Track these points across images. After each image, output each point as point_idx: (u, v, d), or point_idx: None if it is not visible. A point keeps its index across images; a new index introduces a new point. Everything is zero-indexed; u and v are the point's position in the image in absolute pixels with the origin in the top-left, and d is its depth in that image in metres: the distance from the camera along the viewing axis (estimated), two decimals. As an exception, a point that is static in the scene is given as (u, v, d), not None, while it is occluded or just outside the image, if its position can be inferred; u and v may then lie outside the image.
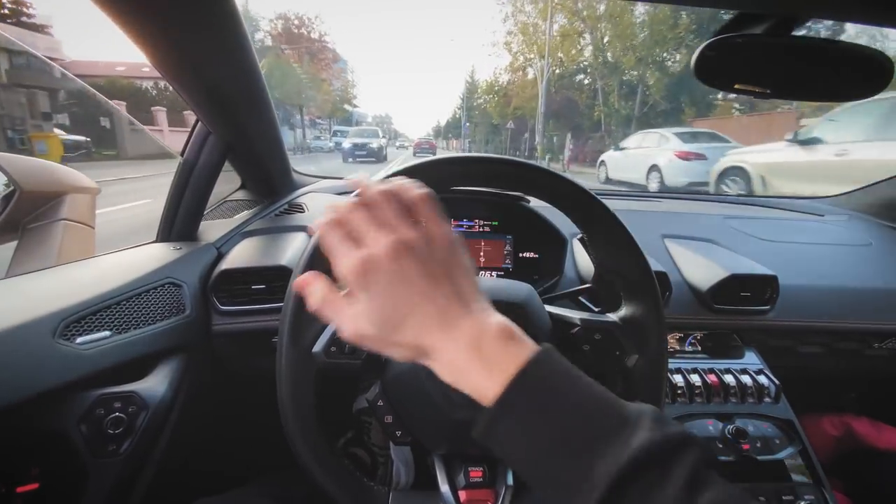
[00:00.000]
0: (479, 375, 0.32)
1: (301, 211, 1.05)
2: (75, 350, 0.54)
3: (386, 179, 0.40)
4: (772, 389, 0.80)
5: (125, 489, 0.59)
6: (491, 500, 0.49)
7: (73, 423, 0.54)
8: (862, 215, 1.31)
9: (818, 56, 0.62)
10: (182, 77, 0.68)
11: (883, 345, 0.98)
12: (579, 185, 0.49)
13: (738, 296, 0.87)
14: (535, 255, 0.96)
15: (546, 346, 0.33)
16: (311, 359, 0.47)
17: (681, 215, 1.19)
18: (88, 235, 0.85)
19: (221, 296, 0.78)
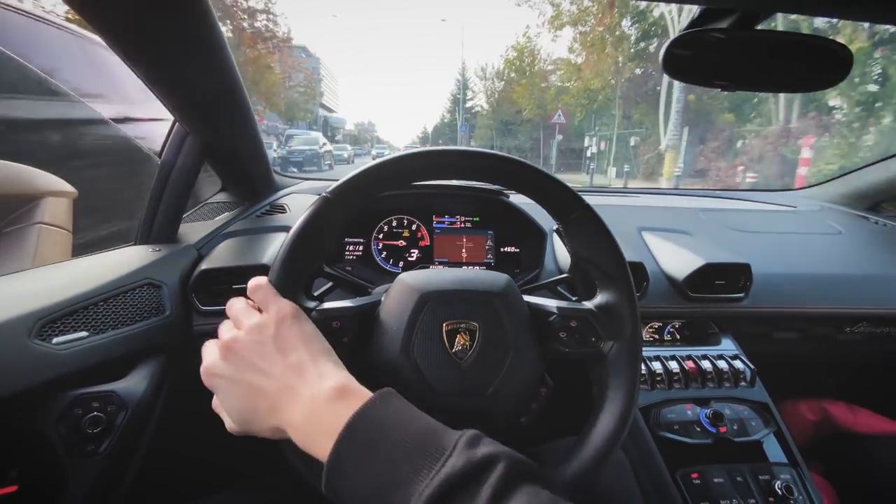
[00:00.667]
0: (321, 440, 0.34)
1: (283, 212, 1.05)
2: (52, 350, 0.54)
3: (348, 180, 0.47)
4: (747, 374, 0.82)
5: (106, 490, 0.58)
6: None
7: (51, 423, 0.53)
8: (833, 206, 1.35)
9: (781, 49, 0.65)
10: (157, 77, 0.67)
11: (854, 329, 1.01)
12: (552, 176, 0.51)
13: (714, 284, 0.89)
14: (516, 250, 0.98)
15: (381, 392, 0.36)
16: None
17: (658, 209, 1.22)
18: (65, 239, 0.84)
19: (202, 296, 0.78)
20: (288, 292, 0.47)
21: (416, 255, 0.97)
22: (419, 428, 0.34)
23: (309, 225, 0.48)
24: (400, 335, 0.48)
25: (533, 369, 0.53)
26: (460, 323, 0.49)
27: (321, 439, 0.34)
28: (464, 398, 0.48)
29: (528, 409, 0.53)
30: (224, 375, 0.38)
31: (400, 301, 0.50)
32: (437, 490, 0.29)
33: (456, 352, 0.48)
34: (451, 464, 0.31)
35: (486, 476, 0.30)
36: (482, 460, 0.31)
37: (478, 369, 0.48)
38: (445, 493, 0.29)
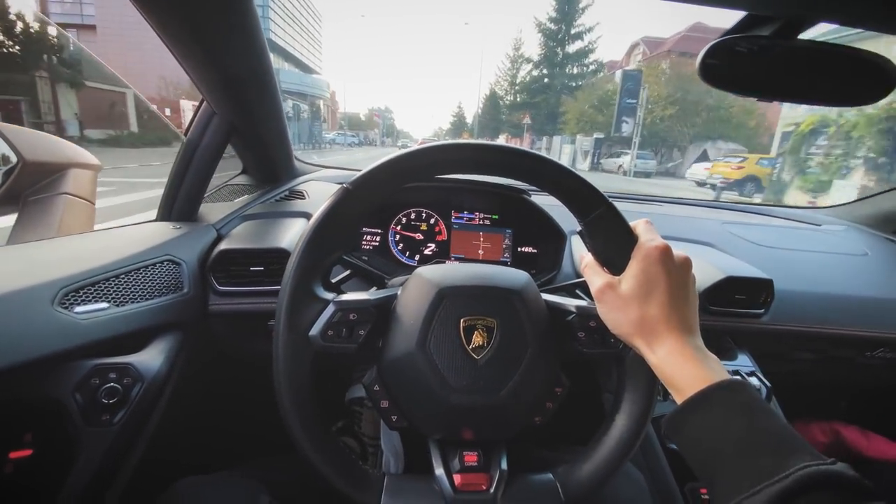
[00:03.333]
0: (697, 367, 0.41)
1: (302, 198, 1.05)
2: (73, 319, 0.54)
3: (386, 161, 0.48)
4: (763, 391, 0.81)
5: (116, 460, 0.59)
6: (485, 483, 0.49)
7: (69, 391, 0.54)
8: (859, 226, 1.32)
9: (823, 60, 0.63)
10: (190, 54, 0.68)
11: (875, 353, 0.98)
12: (576, 173, 0.50)
13: (734, 298, 0.87)
14: (534, 250, 0.97)
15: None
16: (308, 341, 0.47)
17: (680, 218, 1.20)
18: (89, 211, 0.85)
19: (219, 276, 0.78)
20: (307, 281, 0.47)
21: (432, 248, 0.97)
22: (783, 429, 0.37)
23: (329, 215, 0.48)
24: (417, 329, 0.48)
25: (550, 368, 0.52)
26: (478, 319, 0.49)
27: (696, 367, 0.41)
28: (479, 395, 0.47)
29: (543, 408, 0.53)
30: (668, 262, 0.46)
31: (418, 295, 0.50)
32: (826, 468, 0.32)
33: (473, 348, 0.48)
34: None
35: (860, 486, 0.32)
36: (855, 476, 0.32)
37: (494, 366, 0.48)
38: (832, 474, 0.31)
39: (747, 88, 0.68)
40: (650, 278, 0.44)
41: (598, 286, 0.47)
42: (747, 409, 0.37)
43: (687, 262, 0.46)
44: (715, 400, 0.38)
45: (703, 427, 0.38)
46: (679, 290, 0.44)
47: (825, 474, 0.31)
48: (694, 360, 0.41)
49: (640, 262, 0.45)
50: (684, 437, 0.40)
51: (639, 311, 0.44)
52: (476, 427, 0.50)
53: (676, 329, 0.43)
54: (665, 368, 0.42)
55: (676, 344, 0.42)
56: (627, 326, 0.45)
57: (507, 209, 0.97)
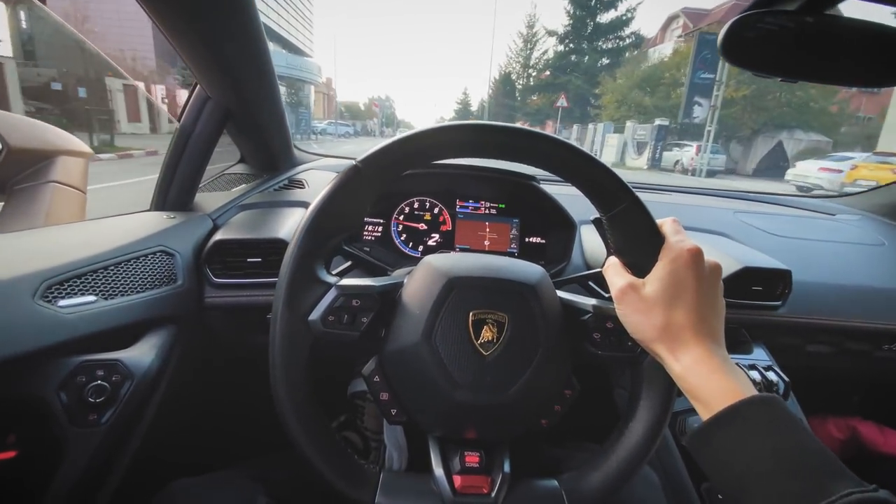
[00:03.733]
0: (724, 379, 0.38)
1: (301, 187, 1.02)
2: (57, 313, 0.51)
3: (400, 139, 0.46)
4: (780, 386, 0.78)
5: (105, 461, 0.56)
6: (486, 486, 0.46)
7: (52, 389, 0.51)
8: (874, 216, 1.29)
9: (851, 37, 0.59)
10: (181, 34, 0.64)
11: (893, 346, 0.96)
12: (602, 162, 0.46)
13: (750, 290, 0.84)
14: (542, 241, 0.93)
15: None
16: (307, 326, 0.44)
17: (693, 208, 1.17)
18: (79, 200, 0.82)
19: (216, 267, 0.76)
20: (309, 262, 0.45)
21: (436, 239, 0.93)
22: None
23: (335, 193, 0.45)
24: (423, 320, 0.45)
25: (560, 369, 0.49)
26: (489, 313, 0.46)
27: (724, 379, 0.38)
28: (485, 393, 0.45)
29: (551, 411, 0.50)
30: (699, 266, 0.43)
31: (425, 284, 0.47)
32: (868, 495, 0.29)
33: (481, 343, 0.45)
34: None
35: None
36: None
37: (502, 364, 0.45)
38: (871, 500, 0.29)
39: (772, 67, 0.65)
40: (678, 282, 0.41)
41: (619, 286, 0.44)
42: (781, 426, 0.35)
43: (717, 269, 0.44)
44: (746, 415, 0.36)
45: (734, 444, 0.36)
46: (708, 298, 0.42)
47: (871, 503, 0.29)
48: (721, 371, 0.39)
49: (669, 265, 0.42)
50: (711, 453, 0.37)
51: (664, 317, 0.41)
52: (479, 426, 0.48)
53: (704, 338, 0.40)
54: (690, 379, 0.39)
55: (703, 353, 0.40)
56: (650, 331, 0.42)
57: (514, 197, 0.94)
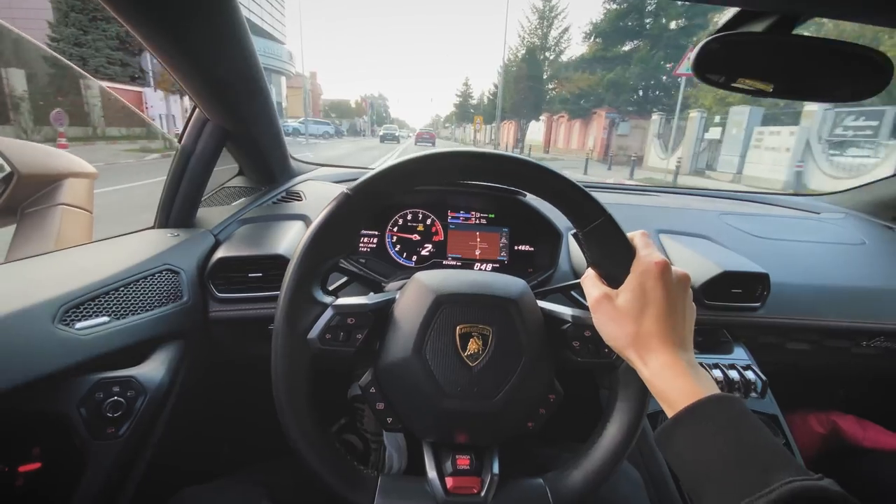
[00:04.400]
0: (688, 381, 0.41)
1: (299, 199, 1.05)
2: (75, 335, 0.55)
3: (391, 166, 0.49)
4: (758, 385, 0.81)
5: (123, 471, 0.61)
6: (477, 487, 0.50)
7: (74, 405, 0.55)
8: (858, 214, 1.32)
9: (818, 56, 0.62)
10: (180, 63, 0.67)
11: (871, 343, 0.99)
12: (576, 183, 0.50)
13: (730, 292, 0.88)
14: (531, 249, 0.97)
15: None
16: (306, 344, 0.48)
17: (677, 210, 1.20)
18: (87, 220, 0.85)
19: (219, 283, 0.79)
20: (306, 285, 0.48)
21: (429, 249, 0.97)
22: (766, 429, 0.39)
23: (328, 222, 0.48)
24: (413, 335, 0.49)
25: (543, 376, 0.53)
26: (474, 327, 0.49)
27: (687, 382, 0.41)
28: (473, 401, 0.48)
29: (537, 414, 0.54)
30: (665, 278, 0.46)
31: (415, 301, 0.50)
32: (810, 484, 0.32)
33: (468, 355, 0.49)
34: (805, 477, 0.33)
35: None
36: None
37: (489, 373, 0.49)
38: (818, 490, 0.32)
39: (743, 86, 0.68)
40: (647, 293, 0.45)
41: (594, 297, 0.47)
42: (736, 423, 0.38)
43: (685, 279, 0.47)
44: (704, 414, 0.39)
45: (692, 440, 0.39)
46: (675, 306, 0.45)
47: (809, 489, 0.32)
48: (685, 374, 0.42)
49: (639, 277, 0.45)
50: (673, 450, 0.40)
51: (634, 325, 0.44)
52: (469, 431, 0.51)
53: (670, 344, 0.43)
54: (657, 382, 0.43)
55: (669, 358, 0.43)
56: (622, 339, 0.45)
57: (503, 208, 0.97)
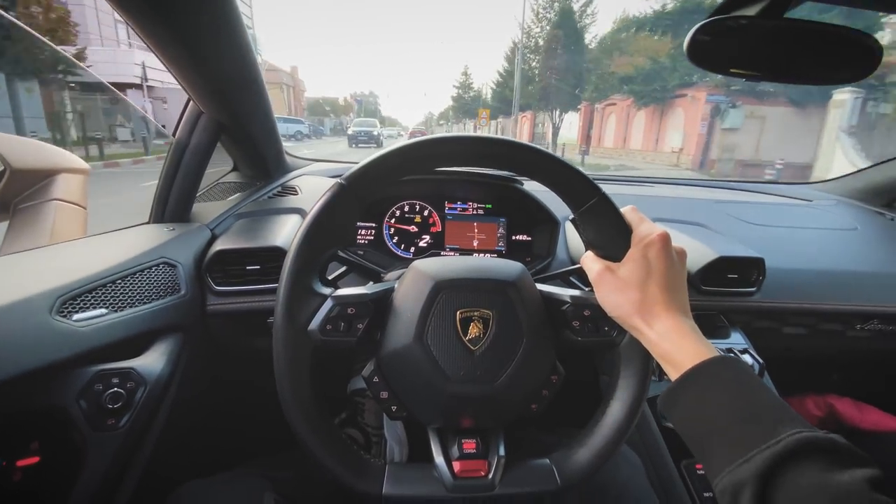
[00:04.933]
0: (693, 343, 0.43)
1: (294, 193, 1.05)
2: (72, 327, 0.55)
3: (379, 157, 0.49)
4: (756, 368, 0.82)
5: (123, 463, 0.60)
6: (484, 469, 0.50)
7: (73, 397, 0.54)
8: (850, 200, 1.33)
9: (810, 39, 0.63)
10: (173, 54, 0.67)
11: (865, 326, 1.00)
12: (569, 164, 0.50)
13: (726, 277, 0.89)
14: (528, 238, 0.97)
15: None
16: (307, 336, 0.48)
17: (673, 200, 1.21)
18: (81, 216, 0.84)
19: (216, 276, 0.79)
20: (304, 277, 0.48)
21: (427, 240, 0.97)
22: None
23: (324, 212, 0.48)
24: (414, 322, 0.49)
25: (545, 357, 0.53)
26: (474, 311, 0.50)
27: (695, 343, 0.43)
28: (476, 385, 0.49)
29: (540, 396, 0.54)
30: (667, 250, 0.48)
31: (414, 288, 0.51)
32: (814, 435, 0.33)
33: (469, 339, 0.49)
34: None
35: (854, 457, 0.33)
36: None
37: (490, 357, 0.49)
38: (822, 441, 0.33)
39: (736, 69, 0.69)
40: (650, 262, 0.46)
41: (596, 270, 0.49)
42: (740, 382, 0.39)
43: (683, 253, 0.48)
44: (710, 373, 0.40)
45: (698, 400, 0.40)
46: (676, 277, 0.46)
47: (815, 440, 0.33)
48: (690, 337, 0.43)
49: (641, 249, 0.46)
50: (679, 410, 0.41)
51: (638, 293, 0.46)
52: (474, 415, 0.51)
53: (674, 309, 0.45)
54: (663, 344, 0.44)
55: (674, 322, 0.44)
56: (627, 306, 0.46)
57: (500, 198, 0.98)
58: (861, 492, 0.30)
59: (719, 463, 0.36)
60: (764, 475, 0.32)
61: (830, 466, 0.31)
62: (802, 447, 0.32)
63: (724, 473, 0.35)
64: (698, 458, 0.40)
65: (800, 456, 0.32)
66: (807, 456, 0.32)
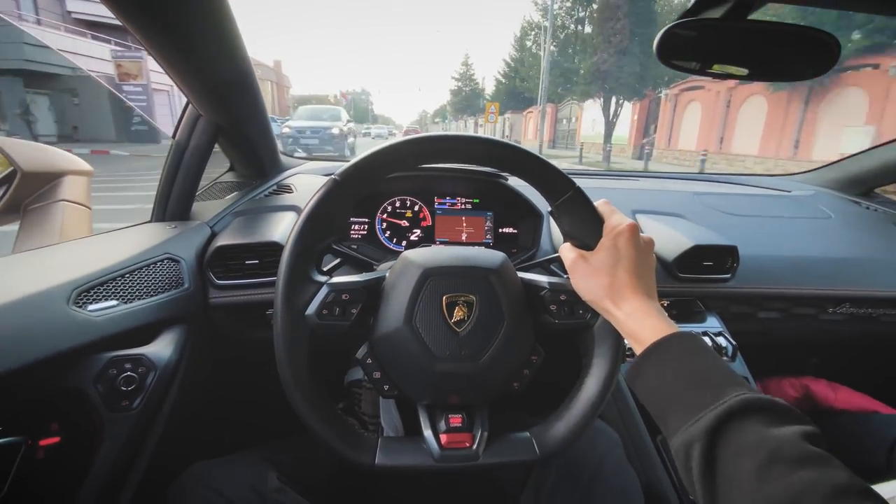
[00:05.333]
0: (655, 322, 0.47)
1: (289, 191, 1.08)
2: (88, 316, 0.59)
3: (364, 157, 0.53)
4: (729, 349, 0.87)
5: (137, 443, 0.65)
6: (469, 441, 0.55)
7: (90, 381, 0.59)
8: (827, 191, 1.38)
9: (772, 38, 0.67)
10: (174, 61, 0.71)
11: (837, 309, 1.05)
12: (546, 160, 0.55)
13: (701, 265, 0.93)
14: (514, 230, 1.02)
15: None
16: (305, 320, 0.52)
17: (652, 192, 1.25)
18: (87, 216, 0.89)
19: (217, 270, 0.83)
20: (302, 266, 0.52)
21: (418, 234, 1.01)
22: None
23: (319, 206, 0.52)
24: (404, 306, 0.53)
25: (525, 338, 0.58)
26: (459, 296, 0.54)
27: (658, 321, 0.47)
28: (461, 363, 0.53)
29: (521, 375, 0.59)
30: (634, 240, 0.52)
31: (404, 276, 0.55)
32: (758, 396, 0.38)
33: (455, 322, 0.54)
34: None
35: (792, 414, 0.38)
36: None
37: (474, 337, 0.53)
38: (765, 402, 0.37)
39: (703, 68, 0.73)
40: (619, 250, 0.51)
41: (571, 259, 0.53)
42: (694, 354, 0.44)
43: (651, 242, 0.53)
44: (668, 347, 0.45)
45: (658, 370, 0.44)
46: (643, 263, 0.51)
47: (756, 401, 0.37)
48: (654, 316, 0.48)
49: (612, 239, 0.51)
50: (642, 382, 0.46)
51: (608, 278, 0.50)
52: (460, 392, 0.56)
53: (640, 292, 0.50)
54: (630, 322, 0.49)
55: (640, 303, 0.49)
56: (598, 290, 0.51)
57: (487, 193, 1.02)
58: (794, 443, 0.34)
59: (675, 426, 0.41)
60: (711, 432, 0.36)
61: (769, 423, 0.36)
62: (745, 407, 0.37)
63: (678, 433, 0.40)
64: (659, 425, 0.44)
65: (743, 414, 0.37)
66: (749, 414, 0.36)
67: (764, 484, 0.32)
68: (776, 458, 0.33)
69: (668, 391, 0.43)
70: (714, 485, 0.35)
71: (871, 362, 1.25)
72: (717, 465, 0.36)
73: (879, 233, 1.16)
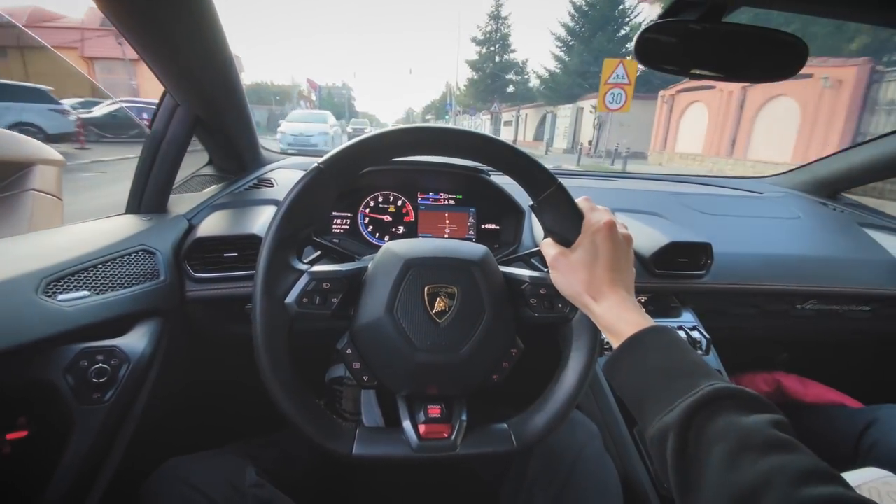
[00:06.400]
0: (632, 316, 0.48)
1: (270, 185, 1.07)
2: (58, 306, 0.57)
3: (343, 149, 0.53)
4: (703, 343, 0.89)
5: (109, 437, 0.63)
6: (447, 432, 0.55)
7: (59, 373, 0.57)
8: (797, 192, 1.43)
9: (744, 40, 0.70)
10: (150, 47, 0.69)
11: (805, 305, 1.09)
12: (529, 155, 0.55)
13: (677, 261, 0.96)
14: (496, 226, 1.03)
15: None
16: (285, 308, 0.51)
17: (631, 192, 1.28)
18: (57, 207, 0.86)
19: (195, 264, 0.81)
20: (282, 252, 0.52)
21: (401, 229, 1.01)
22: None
23: (303, 192, 0.52)
24: (385, 296, 0.53)
25: (505, 331, 0.58)
26: (441, 287, 0.54)
27: (635, 315, 0.49)
28: (441, 354, 0.53)
29: (500, 367, 0.59)
30: (613, 235, 0.53)
31: (386, 266, 0.55)
32: (727, 385, 0.39)
33: (436, 312, 0.54)
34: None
35: (761, 404, 0.39)
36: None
37: (455, 329, 0.54)
38: (735, 392, 0.39)
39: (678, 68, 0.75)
40: (597, 247, 0.52)
41: (552, 255, 0.54)
42: (669, 346, 0.45)
43: (629, 238, 0.55)
44: (643, 341, 0.46)
45: (634, 363, 0.46)
46: (621, 259, 0.52)
47: (727, 390, 0.39)
48: (630, 311, 0.49)
49: (591, 235, 0.52)
50: (619, 374, 0.47)
51: (587, 274, 0.51)
52: (439, 383, 0.56)
53: (618, 288, 0.51)
54: (607, 316, 0.50)
55: (617, 298, 0.50)
56: (577, 286, 0.52)
57: (470, 189, 1.03)
58: (763, 430, 0.35)
59: (650, 416, 0.42)
60: (684, 420, 0.38)
61: (739, 411, 0.37)
62: (716, 396, 0.38)
63: (653, 423, 0.41)
64: (635, 416, 0.45)
65: (714, 403, 0.38)
66: (720, 403, 0.38)
67: (734, 469, 0.34)
68: (746, 445, 0.34)
69: (644, 383, 0.44)
70: (687, 471, 0.37)
71: (839, 357, 1.30)
72: (690, 452, 0.37)
73: (845, 233, 1.21)
